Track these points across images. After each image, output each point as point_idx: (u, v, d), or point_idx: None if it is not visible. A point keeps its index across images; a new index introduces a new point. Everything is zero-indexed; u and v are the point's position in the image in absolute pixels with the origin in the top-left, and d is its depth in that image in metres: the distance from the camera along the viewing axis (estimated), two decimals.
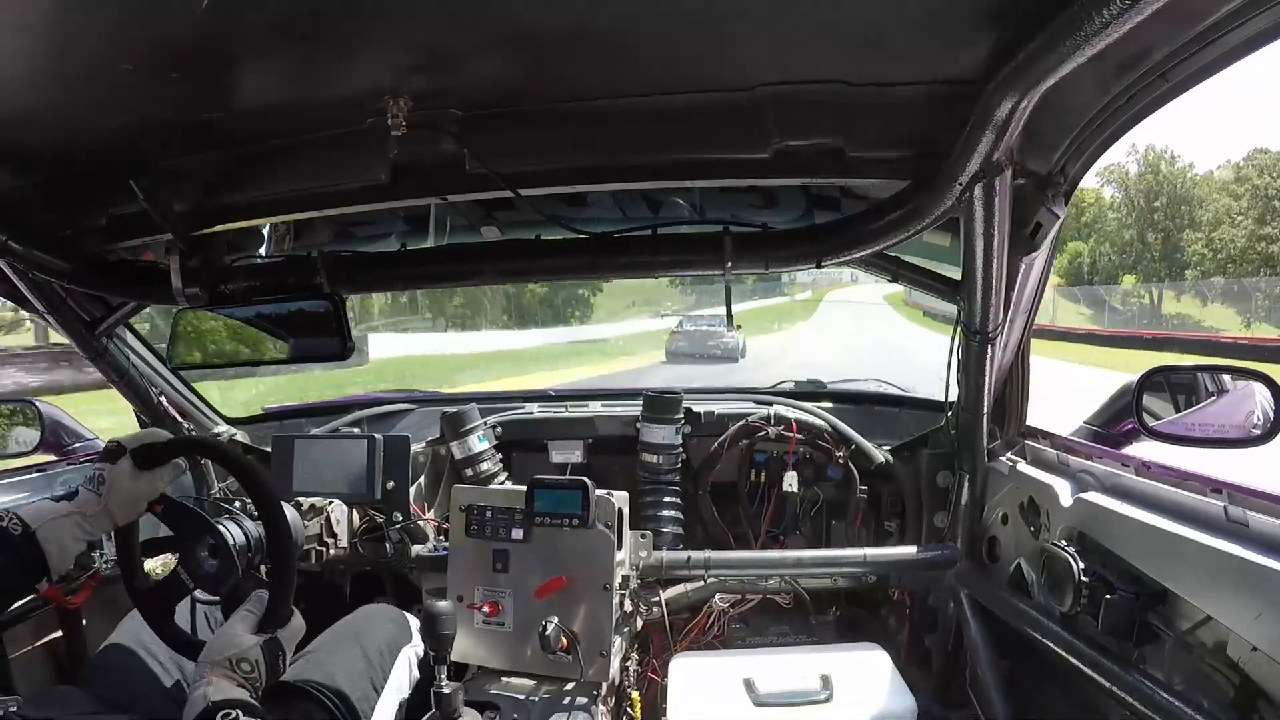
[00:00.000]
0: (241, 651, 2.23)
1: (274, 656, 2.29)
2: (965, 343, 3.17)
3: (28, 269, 3.13)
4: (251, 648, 2.25)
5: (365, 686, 2.78)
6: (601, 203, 3.47)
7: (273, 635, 2.31)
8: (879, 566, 3.87)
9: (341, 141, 2.77)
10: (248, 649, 2.24)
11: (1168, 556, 2.40)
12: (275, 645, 2.30)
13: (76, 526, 2.42)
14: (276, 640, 2.31)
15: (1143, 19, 1.61)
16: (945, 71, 2.37)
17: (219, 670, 2.19)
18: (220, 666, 2.20)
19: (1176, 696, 2.24)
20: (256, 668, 2.24)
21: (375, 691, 2.82)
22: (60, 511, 2.44)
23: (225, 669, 2.19)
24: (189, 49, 2.15)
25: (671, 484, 4.29)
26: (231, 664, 2.20)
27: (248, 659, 2.22)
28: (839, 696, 3.23)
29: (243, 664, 2.21)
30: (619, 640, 3.42)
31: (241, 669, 2.21)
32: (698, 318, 41.53)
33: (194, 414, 4.36)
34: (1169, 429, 3.08)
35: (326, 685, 2.64)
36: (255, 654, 2.24)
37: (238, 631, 2.28)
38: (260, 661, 2.25)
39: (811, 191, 3.39)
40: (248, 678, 2.21)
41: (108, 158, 2.86)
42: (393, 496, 3.88)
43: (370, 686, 2.81)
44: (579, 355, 42.26)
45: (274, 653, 2.29)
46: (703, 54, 2.37)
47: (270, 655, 2.28)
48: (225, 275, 3.23)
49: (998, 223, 2.56)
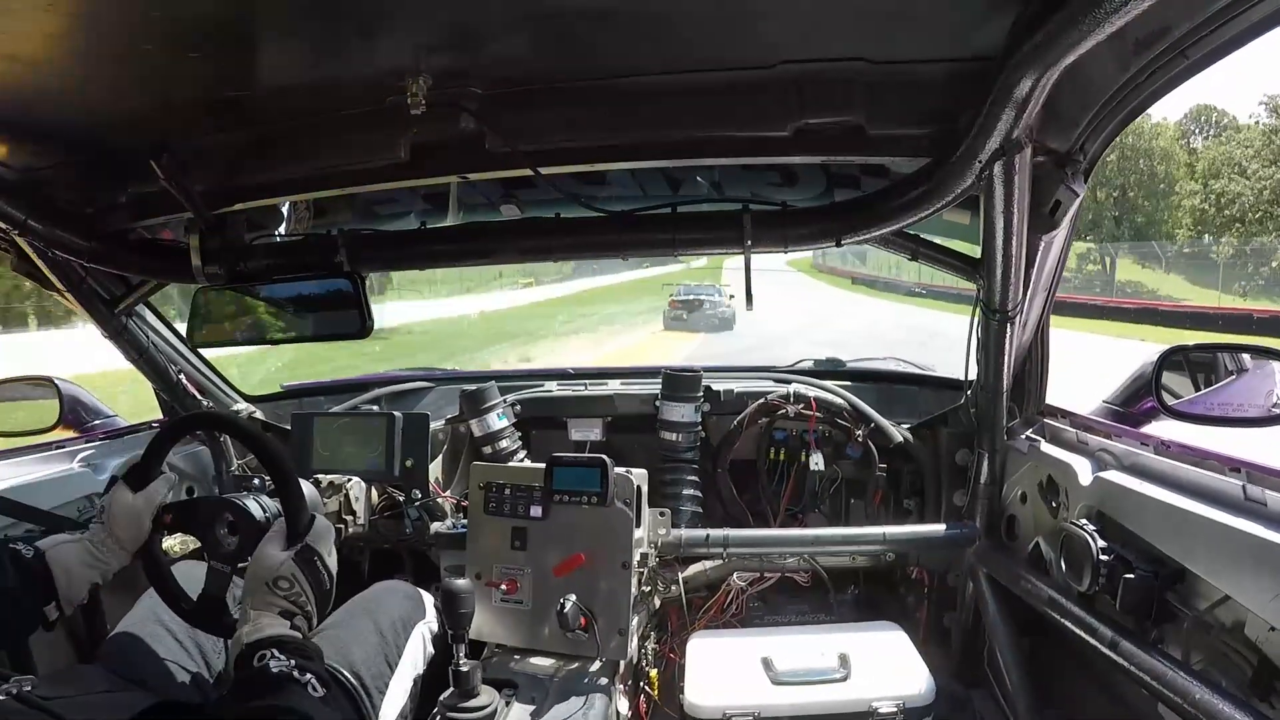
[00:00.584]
0: (275, 570, 2.24)
1: (310, 565, 2.29)
2: (985, 321, 3.16)
3: (48, 247, 3.14)
4: (284, 562, 2.25)
5: (379, 663, 2.78)
6: (621, 181, 3.48)
7: (303, 544, 2.31)
8: (898, 545, 3.88)
9: (361, 120, 2.76)
10: (280, 565, 2.24)
11: (1186, 536, 2.40)
12: (308, 553, 2.30)
13: (86, 553, 2.46)
14: (308, 547, 2.31)
15: None
16: (965, 49, 2.37)
17: (259, 601, 2.20)
18: (258, 596, 2.20)
19: (1194, 676, 2.23)
20: (295, 581, 2.24)
21: (389, 668, 2.81)
22: (72, 539, 2.49)
23: (266, 596, 2.20)
24: (210, 28, 2.16)
25: (690, 462, 4.31)
26: (270, 588, 2.21)
27: (284, 575, 2.23)
28: (857, 675, 3.24)
29: (280, 582, 2.22)
30: (637, 619, 3.43)
31: (280, 587, 2.22)
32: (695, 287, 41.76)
33: (213, 391, 4.37)
34: (1188, 408, 3.08)
35: (342, 662, 2.64)
36: (289, 568, 2.25)
37: (266, 553, 2.28)
38: (298, 574, 2.25)
39: (831, 169, 3.40)
40: (289, 595, 2.22)
41: (128, 137, 2.86)
42: (412, 474, 3.88)
43: (384, 663, 2.80)
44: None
45: (309, 560, 2.29)
46: (724, 32, 2.36)
47: (306, 564, 2.28)
48: (245, 254, 3.22)
49: (1017, 200, 2.55)
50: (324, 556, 2.34)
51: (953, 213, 3.07)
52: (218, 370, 4.41)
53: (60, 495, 3.34)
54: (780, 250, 3.09)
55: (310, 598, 2.26)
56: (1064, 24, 1.86)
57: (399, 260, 3.36)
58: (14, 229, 2.97)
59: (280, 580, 2.22)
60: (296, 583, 2.23)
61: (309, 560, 2.29)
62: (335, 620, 2.87)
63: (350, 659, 2.67)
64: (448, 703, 2.73)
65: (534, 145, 2.77)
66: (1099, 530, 2.74)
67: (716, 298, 38.53)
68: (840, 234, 2.99)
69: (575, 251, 3.31)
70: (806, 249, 3.18)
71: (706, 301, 38.17)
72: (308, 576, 2.26)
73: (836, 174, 3.41)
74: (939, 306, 36.26)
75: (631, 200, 3.39)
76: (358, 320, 3.17)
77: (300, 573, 2.25)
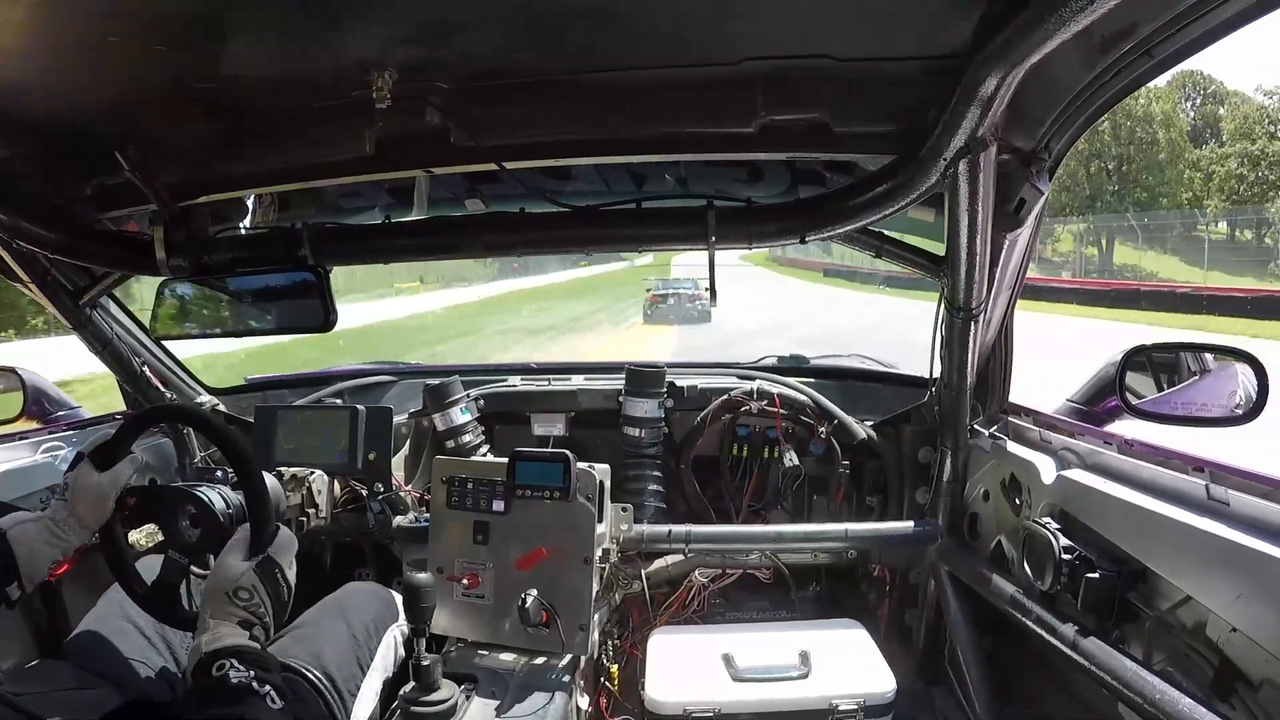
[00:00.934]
0: (236, 580, 2.22)
1: (271, 576, 2.28)
2: (949, 319, 3.18)
3: (12, 239, 3.12)
4: (245, 573, 2.24)
5: (351, 665, 2.78)
6: (586, 176, 3.50)
7: (264, 555, 2.30)
8: (860, 542, 3.89)
9: (327, 114, 2.76)
10: (240, 575, 2.23)
11: (1149, 535, 2.42)
12: (269, 564, 2.30)
13: (47, 530, 2.44)
14: (269, 559, 2.31)
15: None
16: (931, 47, 2.37)
17: (218, 610, 2.19)
18: (217, 605, 2.19)
19: (1156, 675, 2.24)
20: (255, 592, 2.23)
21: (361, 670, 2.81)
22: (32, 517, 2.47)
23: (225, 606, 2.19)
24: (176, 21, 2.15)
25: (654, 458, 4.31)
26: (230, 598, 2.20)
27: (244, 586, 2.22)
28: (818, 673, 3.25)
29: (240, 593, 2.21)
30: (598, 614, 3.44)
31: (240, 598, 2.21)
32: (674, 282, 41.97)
33: (176, 384, 4.36)
34: (1152, 407, 3.10)
35: (314, 662, 2.63)
36: (250, 579, 2.24)
37: (227, 563, 2.27)
38: (257, 585, 2.24)
39: (796, 166, 3.42)
40: (249, 606, 2.21)
41: (94, 128, 2.85)
42: (374, 468, 3.88)
43: (357, 665, 2.80)
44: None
45: (270, 572, 2.28)
46: (689, 28, 2.37)
47: (266, 576, 2.27)
48: (209, 246, 3.22)
49: (982, 199, 2.57)
50: (284, 569, 2.34)
51: (918, 210, 3.09)
52: (181, 362, 4.39)
53: (22, 486, 3.33)
54: (744, 246, 3.10)
55: (268, 609, 2.26)
56: (1029, 23, 1.88)
57: (363, 254, 3.35)
58: None
59: (240, 591, 2.22)
60: (256, 594, 2.23)
61: (270, 572, 2.29)
62: (307, 619, 2.87)
63: (322, 660, 2.67)
64: (408, 696, 2.72)
65: (499, 140, 2.78)
66: (1061, 529, 2.75)
67: (693, 290, 38.71)
68: (804, 231, 2.99)
69: (539, 246, 3.31)
70: (771, 245, 3.19)
71: (685, 295, 38.46)
72: (268, 588, 2.26)
73: (802, 170, 3.44)
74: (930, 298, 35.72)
75: (596, 195, 3.41)
76: (321, 313, 3.17)
77: (260, 584, 2.25)
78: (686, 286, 39.18)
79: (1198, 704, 2.08)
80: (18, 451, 3.52)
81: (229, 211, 3.43)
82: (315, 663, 2.63)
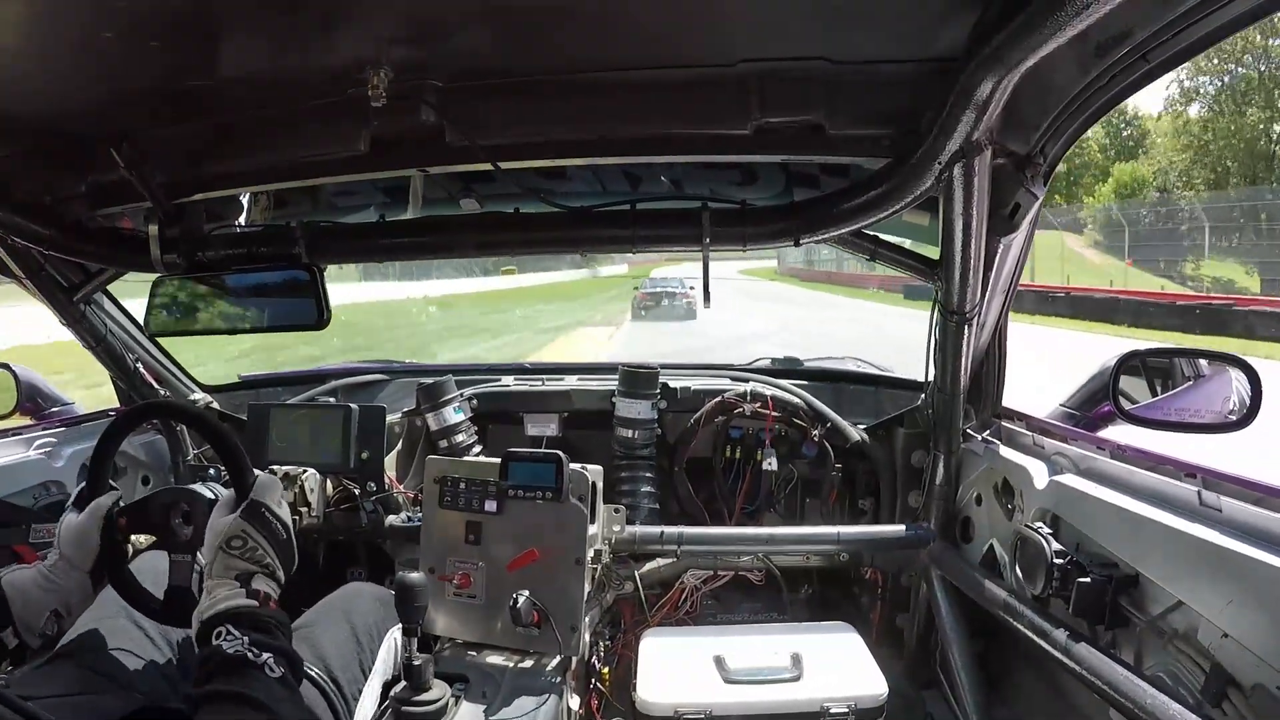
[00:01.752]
0: (225, 532, 2.22)
1: (259, 517, 2.28)
2: (943, 323, 3.17)
3: (6, 235, 3.13)
4: (232, 522, 2.23)
5: (354, 668, 2.77)
6: (581, 177, 3.50)
7: (249, 501, 2.31)
8: (852, 545, 3.89)
9: (322, 112, 2.76)
10: (229, 525, 2.23)
11: (1140, 541, 2.42)
12: (254, 507, 2.30)
13: (40, 575, 2.45)
14: (253, 502, 2.30)
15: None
16: (926, 50, 2.38)
17: (216, 569, 2.18)
18: (216, 564, 2.19)
19: (1146, 681, 2.24)
20: (249, 537, 2.22)
21: (363, 673, 2.80)
22: (28, 567, 2.49)
23: (223, 562, 2.19)
24: (170, 17, 2.14)
25: (647, 459, 4.31)
26: (225, 551, 2.19)
27: (234, 534, 2.21)
28: (809, 675, 3.23)
29: (234, 542, 2.20)
30: (590, 615, 3.43)
31: (234, 548, 2.20)
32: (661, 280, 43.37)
33: (170, 381, 4.37)
34: (1145, 413, 3.10)
35: (318, 663, 2.63)
36: (239, 525, 2.23)
37: (215, 520, 2.27)
38: (249, 530, 2.23)
39: (791, 168, 3.41)
40: (244, 553, 2.21)
41: (89, 125, 2.86)
42: (367, 466, 3.88)
43: (359, 668, 2.79)
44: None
45: (257, 513, 2.28)
46: (685, 29, 2.38)
47: (254, 518, 2.27)
48: (204, 244, 3.22)
49: (976, 202, 2.57)
50: (272, 507, 2.33)
51: (912, 214, 3.09)
52: (175, 359, 4.39)
53: (15, 482, 3.35)
54: (739, 249, 3.10)
55: (268, 550, 2.25)
56: (1025, 27, 1.87)
57: (357, 252, 3.37)
58: None
59: (233, 540, 2.21)
60: (250, 538, 2.22)
61: (257, 513, 2.28)
62: (310, 620, 2.87)
63: (327, 661, 2.67)
64: (400, 696, 2.71)
65: (494, 139, 2.78)
66: (1053, 534, 2.76)
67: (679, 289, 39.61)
68: (798, 233, 3.00)
69: (533, 247, 3.33)
70: (765, 248, 3.18)
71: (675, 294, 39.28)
72: (260, 530, 2.25)
73: (796, 173, 3.43)
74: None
75: (591, 196, 3.42)
76: (315, 311, 3.18)
77: (251, 528, 2.24)
78: (674, 285, 40.23)
79: (1188, 709, 2.08)
80: (11, 448, 3.53)
81: (224, 209, 3.43)
82: (319, 664, 2.63)
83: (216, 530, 2.24)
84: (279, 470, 3.63)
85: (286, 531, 2.35)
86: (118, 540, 2.55)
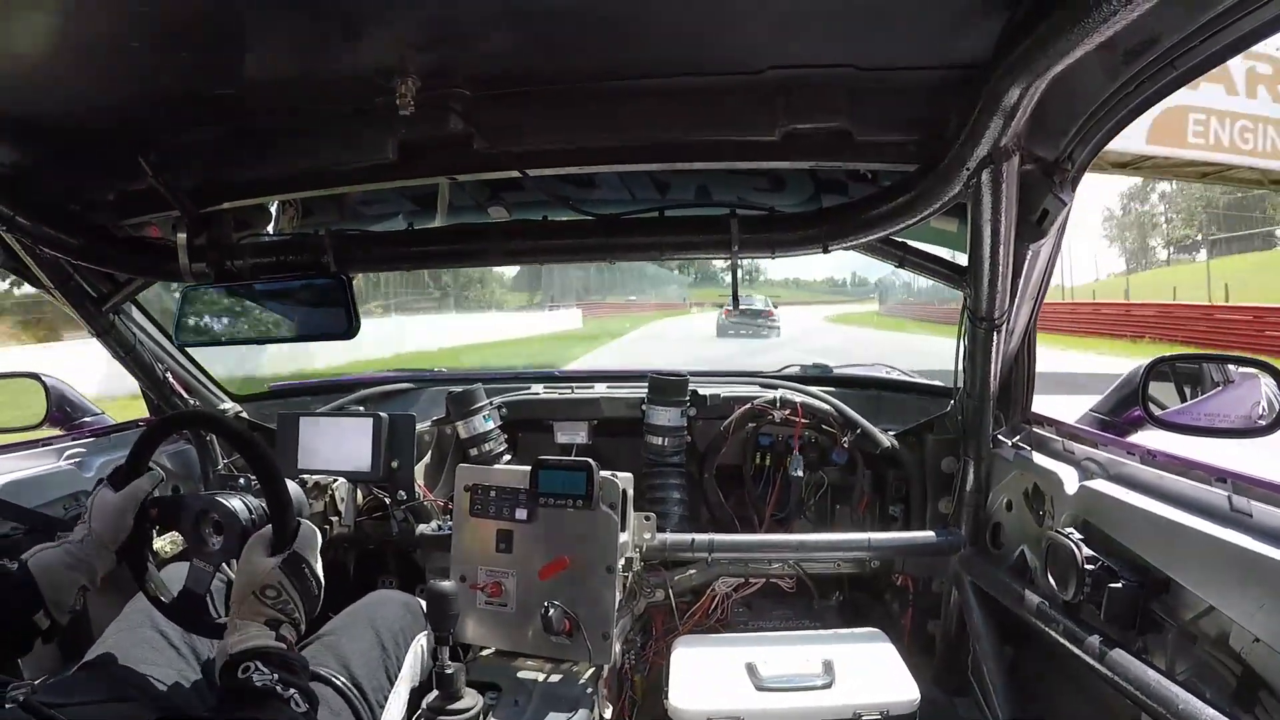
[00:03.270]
0: (262, 579, 2.20)
1: (298, 572, 2.26)
2: (971, 329, 3.16)
3: (35, 244, 3.14)
4: (270, 570, 2.22)
5: (380, 675, 2.76)
6: (609, 184, 3.49)
7: (290, 551, 2.29)
8: (882, 551, 3.87)
9: (349, 120, 2.77)
10: (267, 573, 2.21)
11: (1171, 546, 2.40)
12: (295, 560, 2.28)
13: (67, 554, 2.44)
14: (295, 555, 2.28)
15: (1151, 6, 1.61)
16: (954, 56, 2.37)
17: (245, 610, 2.18)
18: (246, 605, 2.18)
19: (1178, 687, 2.23)
20: (283, 589, 2.21)
21: (389, 680, 2.79)
22: (52, 545, 2.48)
23: (253, 606, 2.18)
24: (198, 25, 2.15)
25: (677, 466, 4.31)
26: (258, 597, 2.19)
27: (270, 584, 2.20)
28: (840, 682, 3.22)
29: (268, 591, 2.19)
30: (621, 623, 3.44)
31: (268, 596, 2.19)
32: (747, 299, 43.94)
33: (200, 391, 4.38)
34: (1174, 418, 3.09)
35: (342, 671, 2.63)
36: (276, 575, 2.22)
37: (252, 561, 2.26)
38: (285, 583, 2.22)
39: (819, 175, 3.41)
40: (277, 604, 2.19)
41: (116, 133, 2.86)
42: (397, 475, 3.88)
43: (385, 675, 2.78)
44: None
45: (296, 568, 2.26)
46: (713, 36, 2.37)
47: (293, 572, 2.25)
48: (232, 252, 3.21)
49: (1005, 209, 2.55)
50: (311, 563, 2.32)
51: (940, 220, 3.07)
52: (204, 369, 4.41)
53: (46, 493, 3.35)
54: (767, 255, 3.10)
55: (298, 604, 2.24)
56: (1052, 33, 1.86)
57: (385, 261, 3.35)
58: (1, 226, 2.96)
59: (268, 589, 2.20)
60: (284, 590, 2.21)
61: (297, 568, 2.26)
62: (335, 627, 2.87)
63: (351, 668, 2.67)
64: (433, 705, 2.72)
65: (522, 147, 2.79)
66: (1084, 539, 2.74)
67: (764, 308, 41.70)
68: (827, 240, 2.99)
69: (562, 255, 3.31)
70: (793, 255, 3.17)
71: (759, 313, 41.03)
72: (295, 584, 2.24)
73: (824, 179, 3.42)
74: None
75: (619, 204, 3.43)
76: (344, 321, 3.17)
77: (287, 580, 2.23)
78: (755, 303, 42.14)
79: (1221, 714, 2.07)
80: (41, 458, 3.53)
81: (252, 218, 3.44)
82: (344, 671, 2.63)
83: (253, 574, 2.23)
84: (309, 480, 3.64)
85: (319, 587, 2.34)
86: (145, 526, 2.56)
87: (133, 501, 2.52)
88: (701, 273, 63.88)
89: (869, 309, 70.80)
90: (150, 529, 2.58)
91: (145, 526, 2.56)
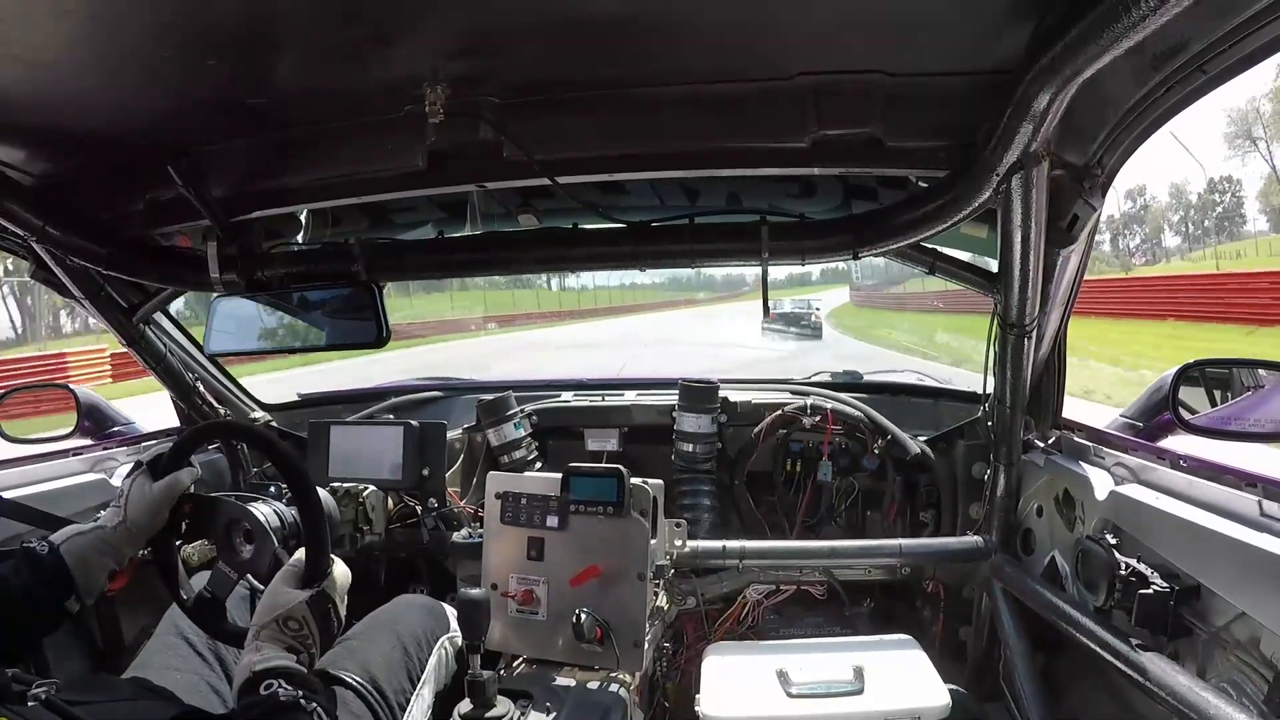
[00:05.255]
0: (287, 610, 2.21)
1: (322, 611, 2.26)
2: (1002, 335, 3.15)
3: (65, 254, 3.16)
4: (297, 604, 2.22)
5: (402, 678, 2.76)
6: (639, 191, 3.49)
7: (319, 589, 2.29)
8: (913, 558, 3.86)
9: (379, 128, 2.77)
10: (293, 606, 2.22)
11: (1202, 551, 2.40)
12: (323, 600, 2.28)
13: (100, 541, 2.46)
14: (323, 593, 2.28)
15: (1181, 10, 1.60)
16: (983, 62, 2.36)
17: (268, 635, 2.19)
18: (269, 630, 2.19)
19: (1209, 692, 2.22)
20: (305, 625, 2.22)
21: (412, 684, 2.79)
22: (84, 528, 2.50)
23: (274, 632, 2.19)
24: (227, 35, 2.16)
25: (707, 473, 4.33)
26: (280, 624, 2.20)
27: (294, 617, 2.21)
28: (872, 689, 3.21)
29: (290, 623, 2.20)
30: (653, 630, 3.43)
31: (290, 628, 2.20)
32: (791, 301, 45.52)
33: (230, 400, 4.41)
34: (1205, 423, 3.08)
35: (363, 675, 2.63)
36: (302, 610, 2.22)
37: (280, 589, 2.27)
38: (308, 618, 2.23)
39: (849, 181, 3.39)
40: (298, 636, 2.20)
41: (146, 143, 2.87)
42: (428, 483, 3.92)
43: (407, 678, 2.78)
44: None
45: (322, 607, 2.26)
46: (743, 42, 2.37)
47: (318, 610, 2.25)
48: (262, 262, 3.23)
49: (1035, 214, 2.54)
50: (337, 605, 2.34)
51: (970, 226, 3.08)
52: (234, 378, 4.43)
53: (76, 502, 3.37)
54: (797, 262, 3.10)
55: (316, 641, 2.26)
56: (1082, 37, 1.85)
57: (415, 269, 3.35)
58: (32, 236, 2.97)
59: (291, 621, 2.21)
60: (306, 625, 2.23)
61: (322, 608, 2.28)
62: (357, 632, 2.87)
63: (372, 672, 2.66)
64: (466, 714, 2.72)
65: (551, 154, 2.78)
66: (1115, 545, 2.73)
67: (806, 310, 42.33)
68: (857, 246, 2.99)
69: (592, 262, 3.33)
70: (823, 261, 3.18)
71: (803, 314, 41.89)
72: (319, 621, 2.26)
73: (854, 185, 3.41)
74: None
75: (649, 211, 3.41)
76: (374, 330, 3.18)
77: (311, 616, 2.24)
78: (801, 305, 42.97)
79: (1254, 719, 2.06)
80: (72, 467, 3.56)
81: (282, 227, 3.45)
82: (364, 675, 2.62)
83: (279, 603, 2.24)
84: (340, 488, 3.65)
85: (339, 628, 2.37)
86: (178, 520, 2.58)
87: (171, 493, 2.54)
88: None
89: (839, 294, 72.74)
90: (182, 523, 2.60)
91: (178, 520, 2.58)
